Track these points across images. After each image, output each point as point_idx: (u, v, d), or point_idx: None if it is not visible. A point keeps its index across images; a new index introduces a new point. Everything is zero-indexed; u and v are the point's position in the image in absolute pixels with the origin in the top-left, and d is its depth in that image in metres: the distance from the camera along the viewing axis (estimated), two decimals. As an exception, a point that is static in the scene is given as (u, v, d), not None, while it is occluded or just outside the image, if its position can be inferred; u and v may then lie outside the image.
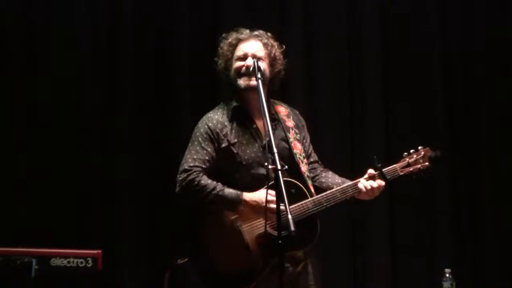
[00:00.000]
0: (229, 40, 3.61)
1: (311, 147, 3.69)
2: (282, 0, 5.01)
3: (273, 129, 3.43)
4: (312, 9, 5.02)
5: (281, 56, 3.63)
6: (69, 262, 3.40)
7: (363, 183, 3.45)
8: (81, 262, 3.41)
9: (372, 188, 3.45)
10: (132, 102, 4.88)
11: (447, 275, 3.75)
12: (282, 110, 3.65)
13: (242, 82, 3.52)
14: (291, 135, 3.57)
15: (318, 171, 3.65)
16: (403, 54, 5.06)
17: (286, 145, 3.54)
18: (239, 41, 3.59)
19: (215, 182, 3.44)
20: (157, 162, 4.83)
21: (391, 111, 5.02)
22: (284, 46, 3.65)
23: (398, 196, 4.92)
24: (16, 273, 3.32)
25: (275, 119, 3.58)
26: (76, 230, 4.63)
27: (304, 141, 3.64)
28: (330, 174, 3.64)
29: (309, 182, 3.50)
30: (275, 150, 3.06)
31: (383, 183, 3.46)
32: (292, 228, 2.93)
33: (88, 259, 3.41)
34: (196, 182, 3.44)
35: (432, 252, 4.91)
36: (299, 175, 3.49)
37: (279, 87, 3.68)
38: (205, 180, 3.44)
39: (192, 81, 4.91)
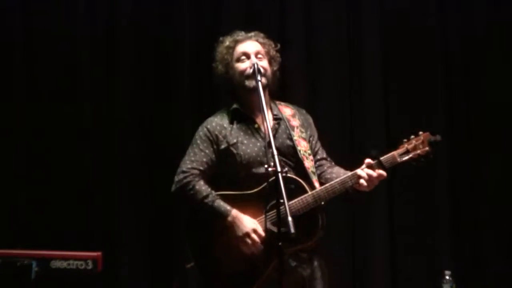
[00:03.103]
0: (227, 43, 3.61)
1: (318, 144, 3.64)
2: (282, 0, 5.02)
3: (277, 128, 3.52)
4: (312, 9, 5.00)
5: (278, 55, 3.65)
6: (69, 264, 3.40)
7: (360, 173, 3.37)
8: (81, 264, 3.41)
9: (371, 177, 3.37)
10: (132, 102, 4.88)
11: (447, 277, 3.74)
12: (287, 110, 3.64)
13: (248, 83, 3.50)
14: (296, 134, 3.55)
15: (325, 167, 3.59)
16: (403, 53, 5.04)
17: (290, 143, 3.52)
18: (236, 42, 3.60)
19: (209, 190, 3.46)
20: (158, 162, 4.83)
21: (391, 111, 5.01)
22: (279, 45, 3.66)
23: (397, 196, 4.92)
24: (16, 275, 3.32)
25: (279, 119, 3.58)
26: (76, 231, 4.64)
27: (310, 138, 3.61)
28: (335, 169, 3.58)
29: (314, 178, 3.47)
30: (275, 152, 3.06)
31: (382, 171, 3.37)
32: (292, 230, 2.94)
33: (88, 261, 3.42)
34: (191, 186, 3.46)
35: (432, 252, 4.90)
36: (303, 171, 3.48)
37: (278, 86, 3.67)
38: (200, 186, 3.46)
39: (193, 81, 4.91)
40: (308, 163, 3.51)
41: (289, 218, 2.94)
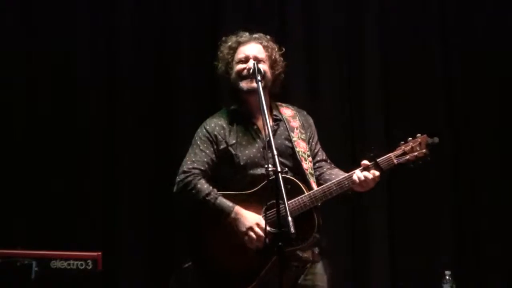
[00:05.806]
0: (229, 43, 3.64)
1: (318, 146, 3.66)
2: (282, 0, 5.02)
3: (276, 129, 3.55)
4: (312, 10, 5.01)
5: (281, 59, 3.65)
6: (69, 264, 3.41)
7: (357, 174, 3.37)
8: (81, 264, 3.42)
9: (366, 179, 3.35)
10: (133, 102, 4.89)
11: (447, 277, 3.74)
12: (288, 112, 3.66)
13: (244, 84, 3.54)
14: (295, 135, 3.56)
15: (325, 169, 3.60)
16: (403, 53, 5.05)
17: (289, 144, 3.54)
18: (239, 44, 3.62)
19: (211, 188, 3.46)
20: (158, 162, 4.83)
21: (391, 112, 5.01)
22: (283, 49, 3.67)
23: (397, 196, 4.92)
24: (16, 275, 3.32)
25: (278, 120, 3.60)
26: (76, 231, 4.65)
27: (310, 140, 3.62)
28: (335, 171, 3.59)
29: (312, 179, 3.48)
30: (275, 152, 3.06)
31: (377, 173, 3.36)
32: (292, 230, 2.95)
33: (88, 261, 3.43)
34: (193, 185, 3.46)
35: (432, 253, 4.90)
36: (300, 173, 3.48)
37: (280, 89, 3.68)
38: (202, 184, 3.46)
39: (193, 81, 4.91)
40: (307, 165, 3.52)
41: (289, 218, 2.94)
